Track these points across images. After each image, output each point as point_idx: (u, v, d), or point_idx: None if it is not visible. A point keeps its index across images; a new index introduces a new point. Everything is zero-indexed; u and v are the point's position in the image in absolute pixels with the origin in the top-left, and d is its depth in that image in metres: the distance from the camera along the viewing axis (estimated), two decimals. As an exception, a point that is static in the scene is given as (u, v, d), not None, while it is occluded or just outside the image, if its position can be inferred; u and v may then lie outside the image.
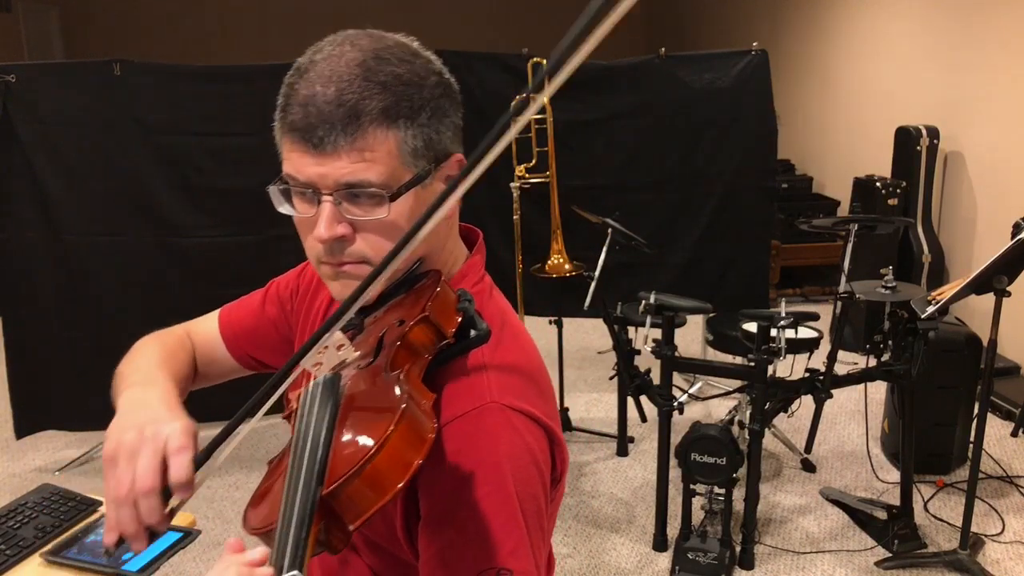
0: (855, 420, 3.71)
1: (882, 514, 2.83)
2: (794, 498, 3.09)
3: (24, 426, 3.36)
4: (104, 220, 3.28)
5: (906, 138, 4.69)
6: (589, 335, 4.84)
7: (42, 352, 3.33)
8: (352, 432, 0.68)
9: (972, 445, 2.51)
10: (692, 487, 2.67)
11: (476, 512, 0.77)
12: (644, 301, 2.74)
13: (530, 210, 3.67)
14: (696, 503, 2.74)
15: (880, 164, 5.00)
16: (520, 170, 3.53)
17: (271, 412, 0.84)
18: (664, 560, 2.74)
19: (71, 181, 3.21)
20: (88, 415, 3.41)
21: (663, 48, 3.76)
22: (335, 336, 0.73)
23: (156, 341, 1.10)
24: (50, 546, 1.32)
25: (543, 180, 3.55)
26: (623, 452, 3.46)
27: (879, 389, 3.48)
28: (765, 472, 3.24)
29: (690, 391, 3.09)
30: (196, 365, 1.13)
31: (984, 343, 2.55)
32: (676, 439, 2.64)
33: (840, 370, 2.91)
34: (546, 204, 3.56)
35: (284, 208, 0.86)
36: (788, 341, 2.66)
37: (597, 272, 2.99)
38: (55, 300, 3.29)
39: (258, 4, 9.54)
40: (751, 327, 2.87)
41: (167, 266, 3.34)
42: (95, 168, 3.23)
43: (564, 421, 3.61)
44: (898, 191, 4.63)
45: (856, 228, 3.08)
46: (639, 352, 3.05)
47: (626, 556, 2.77)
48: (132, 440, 0.77)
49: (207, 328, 1.16)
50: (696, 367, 3.20)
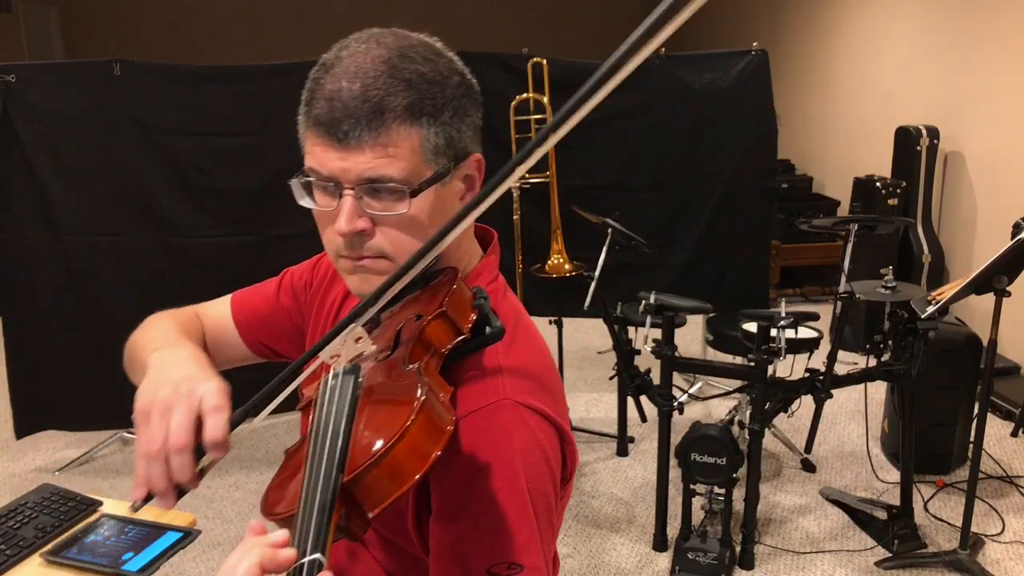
0: (855, 420, 3.71)
1: (882, 514, 2.83)
2: (794, 498, 3.09)
3: (24, 426, 3.36)
4: (104, 220, 3.28)
5: (906, 138, 4.69)
6: (589, 335, 4.84)
7: (42, 352, 3.33)
8: (372, 422, 0.69)
9: (972, 445, 2.51)
10: (692, 487, 2.67)
11: (488, 506, 0.77)
12: (644, 301, 2.74)
13: (530, 210, 3.67)
14: (696, 503, 2.74)
15: (880, 164, 5.00)
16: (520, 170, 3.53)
17: (278, 411, 0.84)
18: (664, 560, 2.74)
19: (71, 181, 3.21)
20: (88, 415, 3.42)
21: (663, 48, 3.76)
22: (355, 329, 0.74)
23: (169, 316, 1.09)
24: (50, 546, 1.32)
25: (543, 180, 3.55)
26: (623, 452, 3.46)
27: (879, 389, 3.48)
28: (765, 472, 3.24)
29: (690, 391, 3.09)
30: (206, 346, 1.12)
31: (984, 343, 2.55)
32: (676, 439, 2.64)
33: (840, 370, 2.91)
34: (546, 204, 3.56)
35: (305, 201, 0.87)
36: (788, 341, 2.66)
37: (597, 272, 2.99)
38: (55, 300, 3.29)
39: (258, 4, 9.54)
40: (751, 327, 2.87)
41: (167, 266, 3.34)
42: (95, 168, 3.23)
43: (564, 421, 3.61)
44: (898, 191, 4.63)
45: (856, 228, 3.08)
46: (639, 352, 3.05)
47: (626, 556, 2.77)
48: (167, 396, 0.77)
49: (219, 312, 1.15)
50: (696, 367, 3.20)
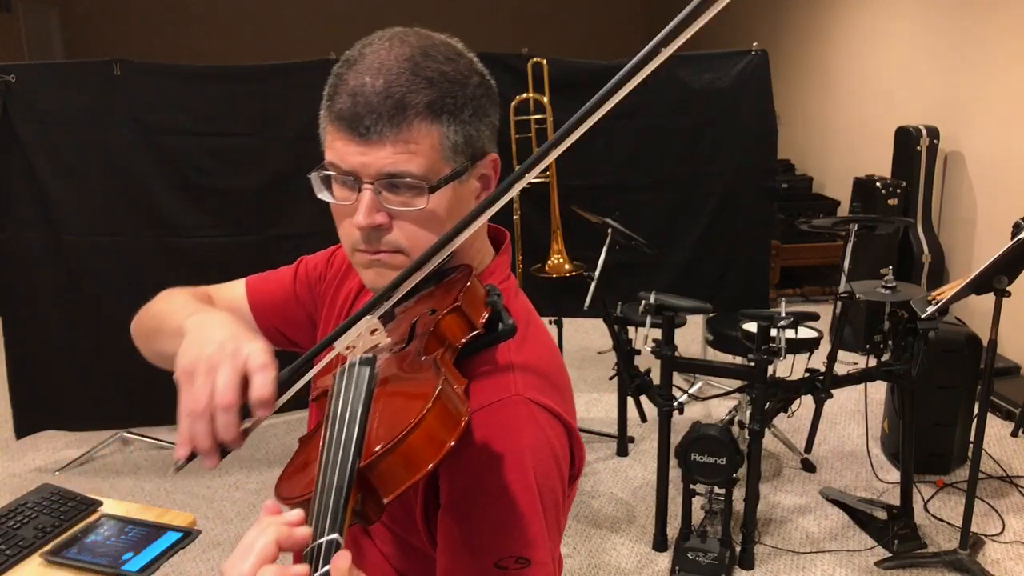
0: (855, 420, 3.71)
1: (882, 514, 2.83)
2: (794, 498, 3.09)
3: (24, 426, 3.36)
4: (104, 220, 3.28)
5: (906, 138, 4.69)
6: (589, 335, 4.84)
7: (42, 352, 3.33)
8: (389, 409, 0.70)
9: (972, 445, 2.51)
10: (692, 487, 2.67)
11: (497, 500, 0.78)
12: (644, 301, 2.74)
13: (530, 210, 3.68)
14: (696, 503, 2.74)
15: (880, 164, 5.00)
16: (520, 170, 3.53)
17: (283, 410, 0.84)
18: (664, 560, 2.74)
19: (71, 181, 3.21)
20: (88, 415, 3.42)
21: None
22: (370, 321, 0.75)
23: (183, 291, 1.09)
24: (50, 546, 1.32)
25: (543, 180, 3.55)
26: (623, 452, 3.46)
27: (879, 389, 3.48)
28: (765, 472, 3.24)
29: (690, 391, 3.09)
30: None
31: (984, 343, 2.55)
32: (676, 439, 2.64)
33: (840, 370, 2.91)
34: (546, 204, 3.56)
35: (323, 195, 0.88)
36: (788, 341, 2.66)
37: (597, 272, 2.99)
38: (55, 300, 3.29)
39: (258, 5, 9.54)
40: (751, 327, 2.87)
41: (167, 266, 3.33)
42: (95, 168, 3.23)
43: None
44: (898, 191, 4.63)
45: (856, 228, 3.08)
46: (639, 352, 3.05)
47: (626, 556, 2.77)
48: (212, 353, 0.76)
49: (233, 295, 1.14)
50: (696, 367, 3.20)
